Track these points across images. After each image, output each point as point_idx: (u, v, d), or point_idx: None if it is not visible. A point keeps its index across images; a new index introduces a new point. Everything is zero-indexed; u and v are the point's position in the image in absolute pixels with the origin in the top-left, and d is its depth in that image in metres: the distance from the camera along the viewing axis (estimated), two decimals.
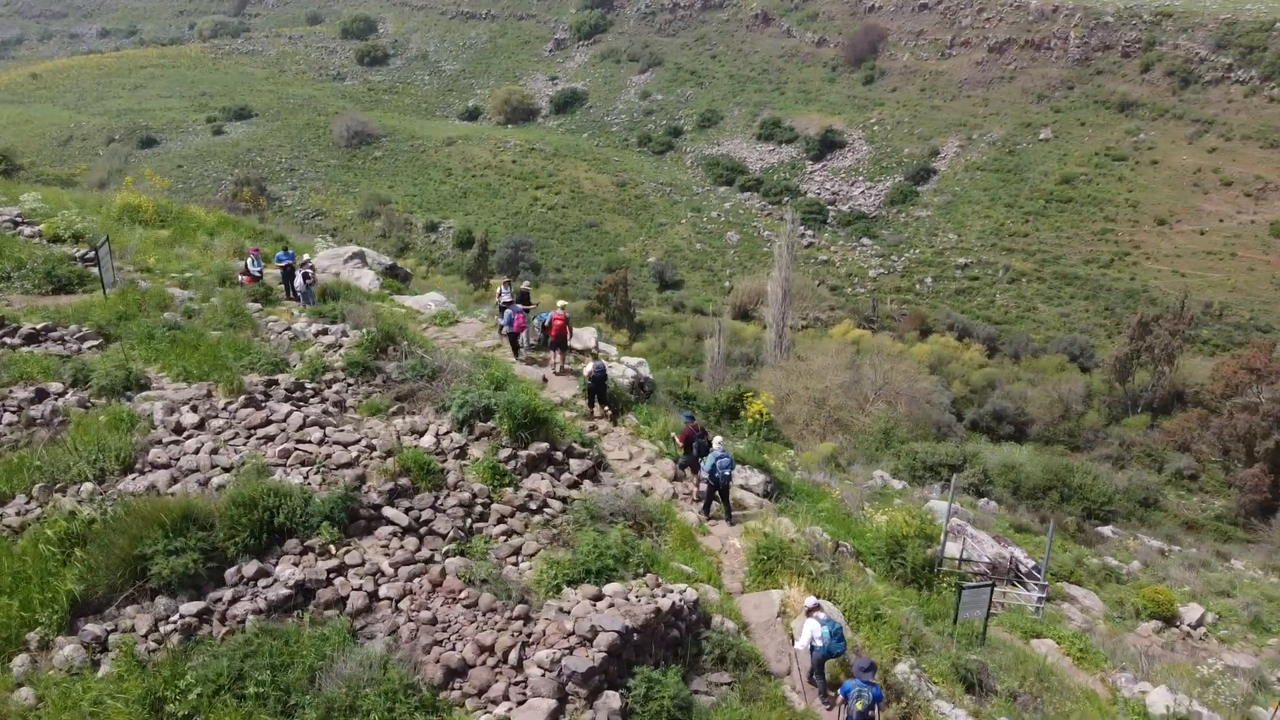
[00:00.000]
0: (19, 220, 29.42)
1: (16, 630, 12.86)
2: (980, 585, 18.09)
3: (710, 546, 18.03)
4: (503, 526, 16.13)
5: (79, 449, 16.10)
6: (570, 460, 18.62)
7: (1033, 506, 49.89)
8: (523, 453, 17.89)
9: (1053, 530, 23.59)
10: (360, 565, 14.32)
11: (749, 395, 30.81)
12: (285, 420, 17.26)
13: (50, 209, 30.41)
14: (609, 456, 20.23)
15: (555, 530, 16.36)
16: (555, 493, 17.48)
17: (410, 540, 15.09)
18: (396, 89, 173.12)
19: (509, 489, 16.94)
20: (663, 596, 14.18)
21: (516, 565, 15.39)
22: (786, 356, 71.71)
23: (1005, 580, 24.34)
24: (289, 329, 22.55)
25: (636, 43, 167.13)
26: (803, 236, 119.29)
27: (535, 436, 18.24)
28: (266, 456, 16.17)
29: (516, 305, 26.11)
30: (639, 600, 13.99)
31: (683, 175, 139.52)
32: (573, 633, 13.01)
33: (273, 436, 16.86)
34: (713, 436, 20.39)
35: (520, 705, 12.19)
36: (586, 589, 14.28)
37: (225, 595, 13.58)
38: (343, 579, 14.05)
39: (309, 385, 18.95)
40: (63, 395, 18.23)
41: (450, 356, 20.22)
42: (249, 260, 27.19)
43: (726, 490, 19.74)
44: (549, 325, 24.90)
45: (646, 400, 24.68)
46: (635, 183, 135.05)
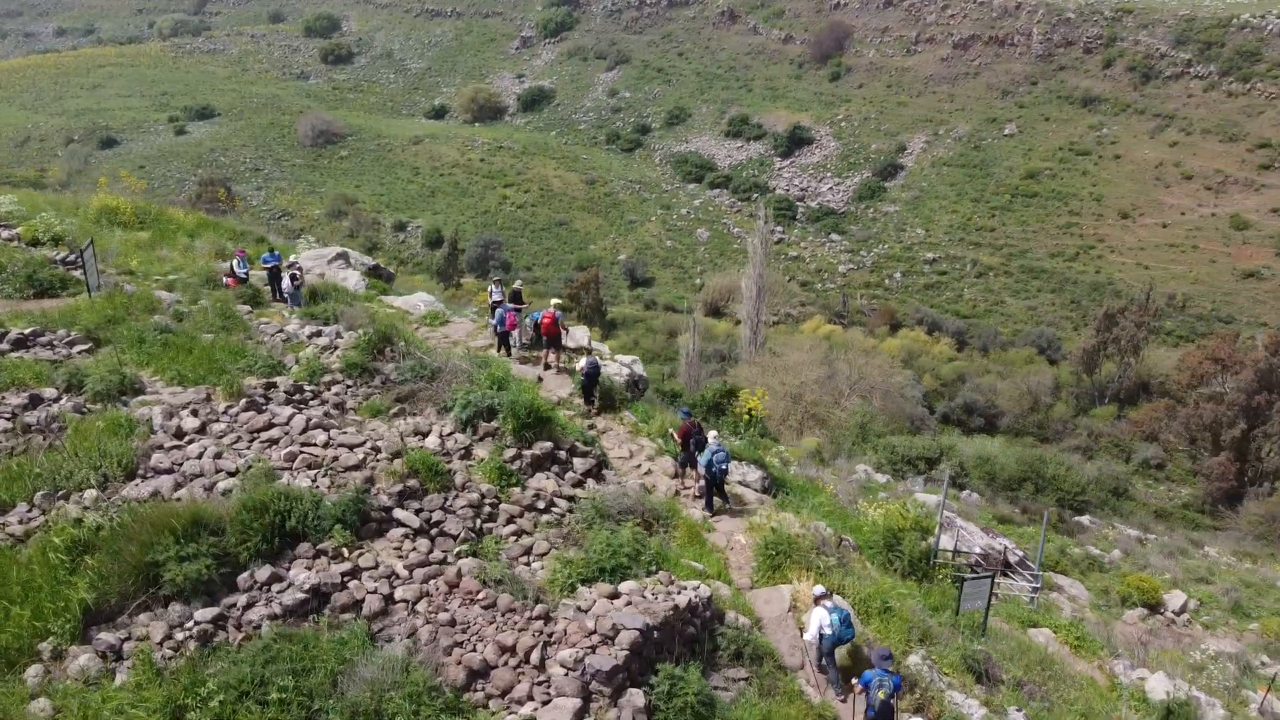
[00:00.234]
0: None
1: (29, 640, 12.66)
2: (981, 577, 18.33)
3: (716, 543, 18.12)
4: (512, 527, 16.11)
5: (79, 455, 15.89)
6: (574, 459, 18.62)
7: (1009, 498, 50.53)
8: (527, 452, 17.86)
9: (1046, 522, 23.91)
10: (374, 568, 14.25)
11: (746, 393, 30.92)
12: (288, 423, 17.11)
13: (27, 211, 29.89)
14: (610, 455, 20.25)
15: (564, 529, 16.36)
16: (561, 492, 17.48)
17: (422, 542, 15.03)
18: (361, 88, 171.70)
19: (516, 489, 16.93)
20: (679, 594, 14.23)
21: (529, 565, 15.37)
22: (761, 353, 72.01)
23: (996, 571, 24.61)
24: (281, 331, 22.34)
25: (603, 40, 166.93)
26: (772, 233, 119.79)
27: (539, 436, 18.22)
28: (272, 460, 16.03)
29: (508, 304, 26.08)
30: (655, 598, 14.03)
31: (652, 173, 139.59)
32: (594, 631, 13.02)
33: (276, 440, 16.71)
34: (708, 432, 20.49)
35: (545, 705, 12.18)
36: (602, 587, 14.30)
37: (239, 601, 13.46)
38: (357, 582, 13.96)
39: (308, 387, 18.80)
40: (57, 401, 17.97)
41: (448, 357, 20.11)
42: (234, 262, 26.89)
43: (722, 484, 19.89)
44: (539, 324, 24.90)
45: (640, 398, 24.74)
46: (604, 180, 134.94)
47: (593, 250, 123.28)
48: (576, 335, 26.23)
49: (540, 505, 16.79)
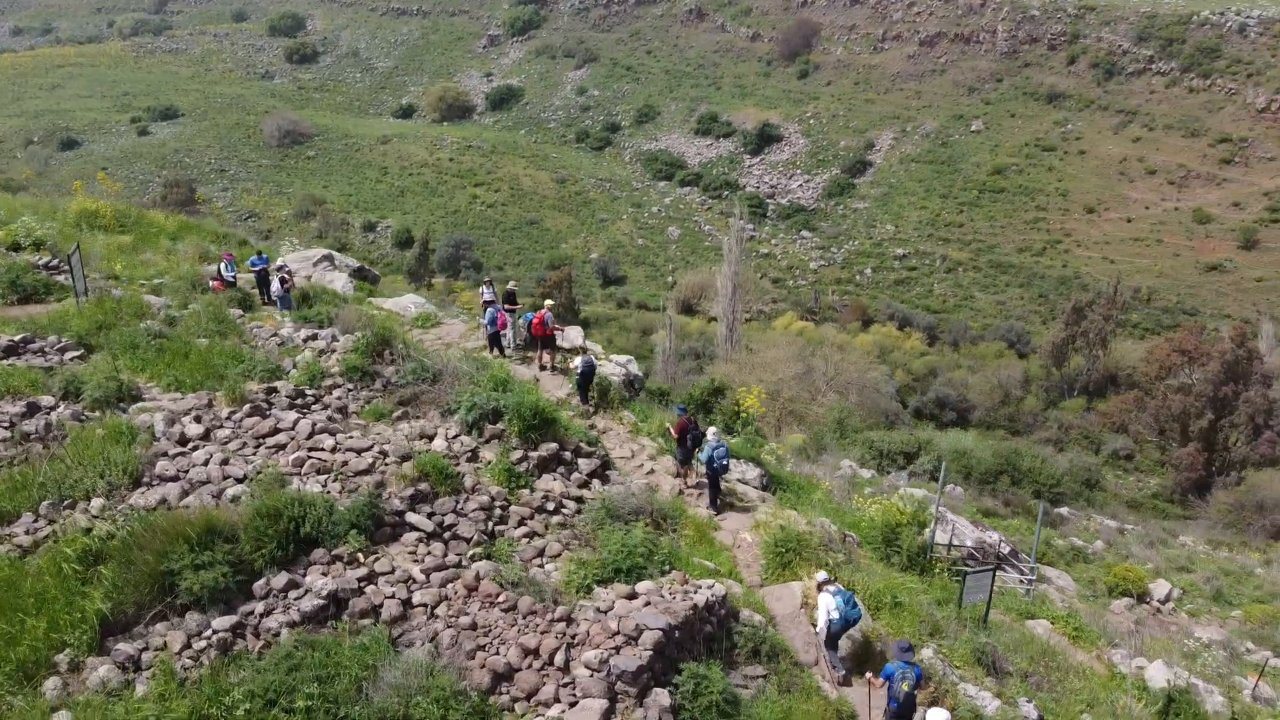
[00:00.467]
0: None
1: (45, 653, 12.49)
2: (982, 570, 18.56)
3: (723, 541, 18.22)
4: (524, 529, 16.11)
5: (83, 464, 15.68)
6: (578, 460, 18.65)
7: (986, 491, 51.08)
8: (533, 454, 17.86)
9: (1042, 516, 24.24)
10: (390, 573, 14.19)
11: (742, 391, 31.04)
12: (293, 428, 16.98)
13: (5, 215, 29.40)
14: (612, 455, 20.27)
15: (575, 531, 16.38)
16: (569, 493, 17.50)
17: (436, 545, 15.00)
18: (327, 87, 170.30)
19: (525, 491, 16.93)
20: (696, 593, 14.31)
21: (542, 566, 15.38)
22: (737, 350, 72.22)
23: (997, 565, 24.91)
24: (276, 335, 22.14)
25: (571, 39, 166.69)
26: (743, 230, 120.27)
27: (543, 437, 18.22)
28: (280, 466, 15.91)
29: (499, 304, 26.04)
30: (674, 598, 14.10)
31: (622, 171, 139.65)
32: (618, 632, 13.06)
33: (283, 445, 16.58)
34: (706, 429, 20.62)
35: (573, 707, 12.20)
36: (619, 588, 14.34)
37: (257, 608, 13.35)
38: (374, 587, 13.90)
39: (309, 392, 18.67)
40: (54, 409, 17.72)
41: (448, 359, 20.05)
42: (221, 265, 26.61)
43: (718, 480, 20.03)
44: (531, 325, 24.95)
45: (636, 397, 24.79)
46: (575, 179, 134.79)
47: (564, 249, 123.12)
48: (570, 335, 26.24)
49: (549, 507, 16.80)
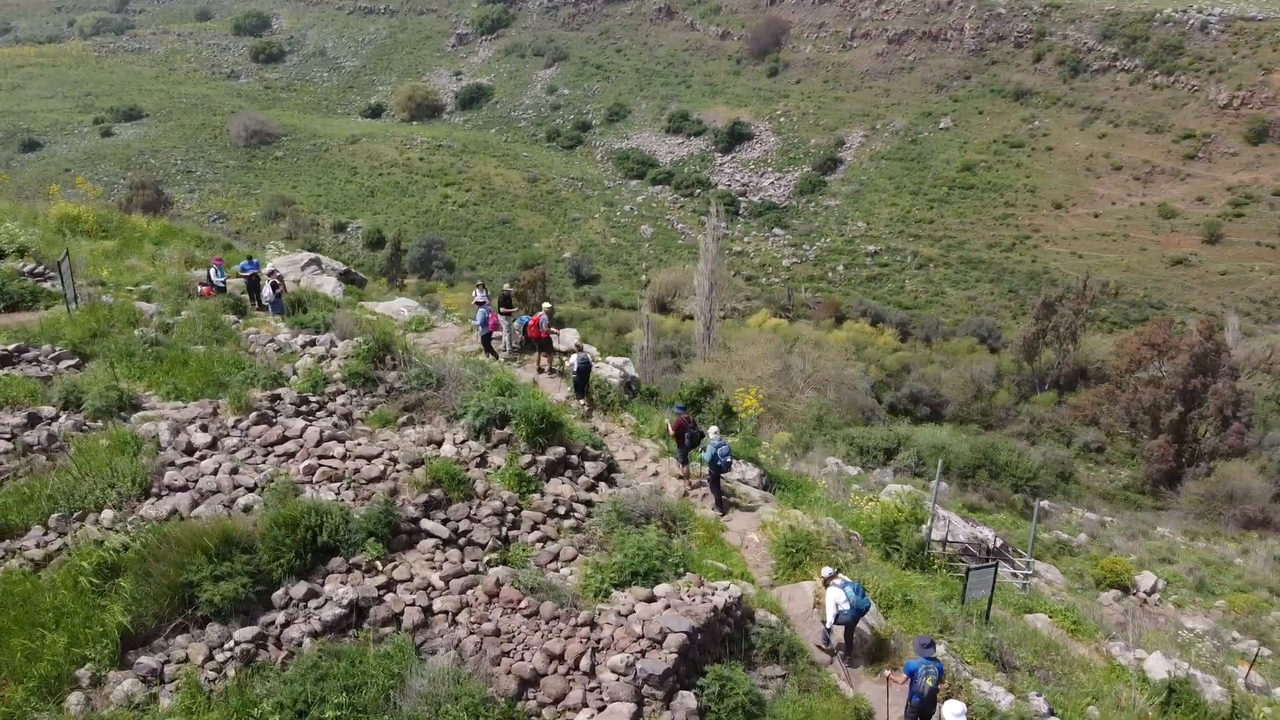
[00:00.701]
0: None
1: (67, 668, 12.36)
2: (984, 566, 18.82)
3: (730, 541, 18.33)
4: (537, 533, 16.13)
5: (90, 475, 15.51)
6: (585, 463, 18.69)
7: (966, 485, 51.61)
8: (541, 458, 17.88)
9: (1038, 511, 24.57)
10: (408, 580, 14.16)
11: (740, 391, 31.15)
12: (301, 436, 16.90)
13: None
14: (615, 457, 20.32)
15: (588, 534, 16.43)
16: (578, 496, 17.53)
17: (453, 552, 15.00)
18: (294, 86, 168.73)
19: (535, 495, 16.95)
20: (714, 595, 14.41)
21: (558, 570, 15.42)
22: (715, 348, 72.44)
23: (998, 561, 25.21)
24: (273, 341, 21.99)
25: (540, 37, 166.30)
26: (718, 229, 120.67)
27: (550, 441, 18.24)
28: (291, 474, 15.82)
29: (488, 306, 25.99)
30: (693, 600, 14.19)
31: (593, 170, 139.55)
32: (642, 635, 13.12)
33: (293, 453, 16.49)
34: (708, 428, 20.80)
35: (601, 711, 12.24)
36: (638, 591, 14.41)
37: (277, 618, 13.29)
38: (393, 595, 13.87)
39: (313, 398, 18.57)
40: (56, 419, 17.51)
41: (451, 364, 20.01)
42: (211, 270, 26.36)
43: (720, 479, 20.24)
44: (527, 327, 25.00)
45: (634, 399, 24.85)
46: (546, 178, 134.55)
47: (537, 248, 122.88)
48: (566, 338, 26.25)
49: (560, 511, 16.84)
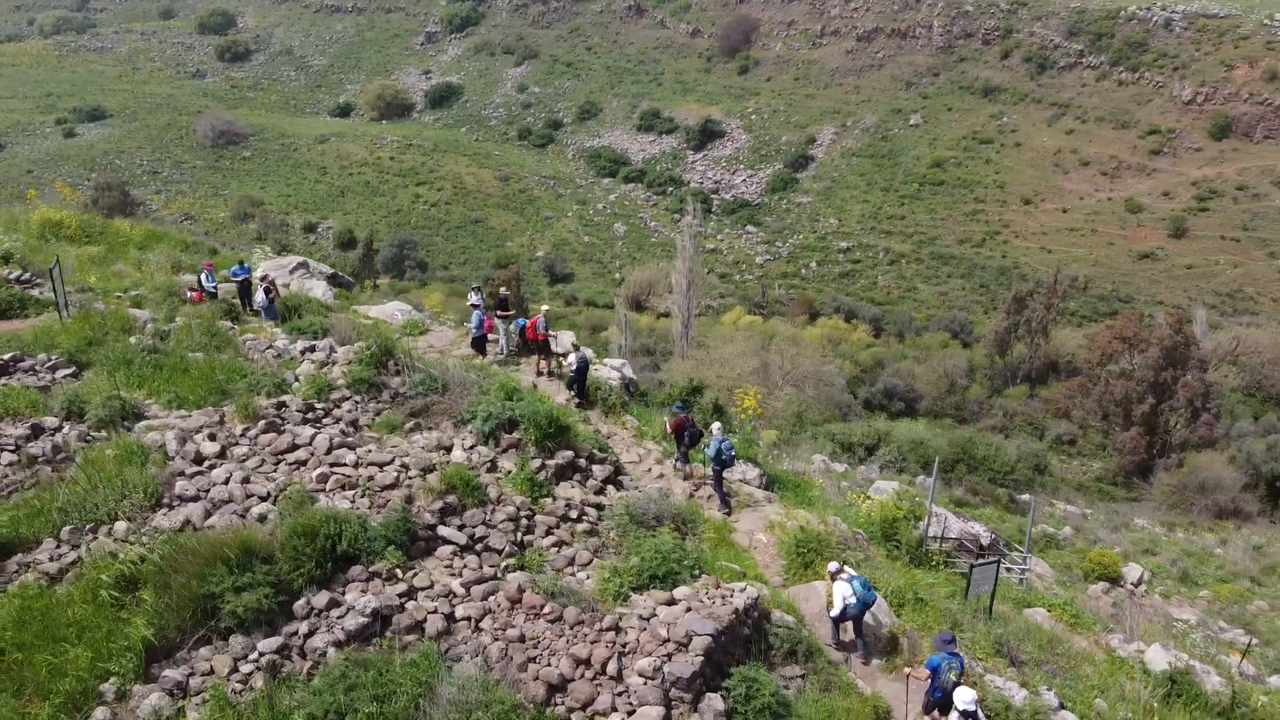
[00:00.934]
0: None
1: (91, 683, 12.26)
2: (988, 563, 19.08)
3: (739, 542, 18.46)
4: (552, 538, 16.17)
5: (99, 486, 15.36)
6: (592, 466, 18.74)
7: (948, 480, 52.12)
8: (550, 462, 17.91)
9: (1034, 507, 24.91)
10: (429, 588, 14.15)
11: (740, 392, 31.29)
12: (311, 443, 16.82)
13: None
14: (620, 459, 20.38)
15: (602, 538, 16.50)
16: (588, 500, 17.59)
17: (471, 558, 15.01)
18: (261, 86, 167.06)
19: (547, 499, 16.99)
20: (734, 596, 14.52)
21: (574, 575, 15.47)
22: (693, 346, 72.63)
23: (1001, 558, 25.55)
24: (271, 347, 21.84)
25: (510, 35, 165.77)
26: (685, 226, 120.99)
27: (558, 445, 18.28)
28: (303, 482, 15.75)
29: (482, 308, 25.94)
30: (713, 602, 14.29)
31: (565, 168, 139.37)
32: (668, 639, 13.20)
33: (304, 461, 16.41)
34: (713, 424, 21.02)
35: (630, 716, 12.33)
36: (657, 594, 14.50)
37: (300, 628, 13.24)
38: (414, 603, 13.86)
39: (318, 405, 18.49)
40: (59, 430, 17.31)
41: (454, 368, 19.99)
42: (202, 275, 26.12)
43: (721, 475, 20.44)
44: (524, 330, 25.04)
45: (633, 400, 24.92)
46: (518, 177, 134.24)
47: (510, 247, 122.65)
48: (563, 340, 26.25)
49: (573, 515, 16.89)
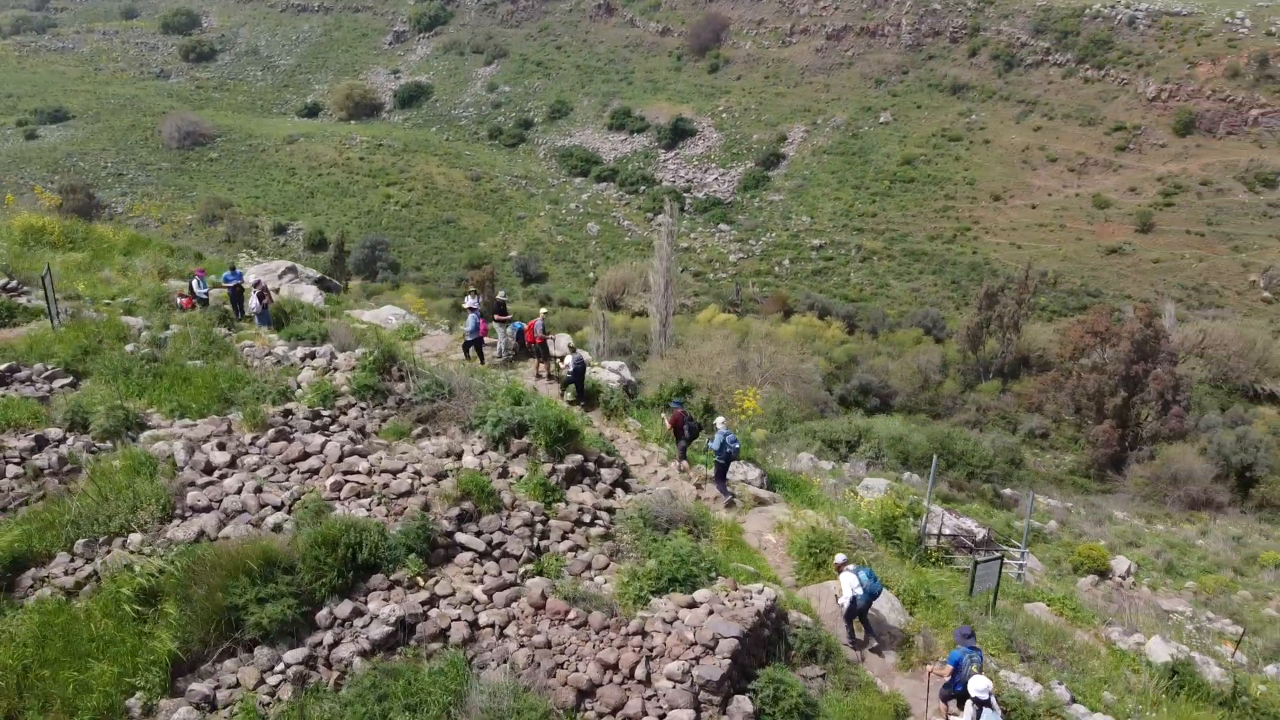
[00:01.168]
0: None
1: (118, 698, 12.14)
2: (991, 559, 19.32)
3: (749, 543, 18.56)
4: (568, 542, 16.19)
5: (110, 498, 15.20)
6: (601, 470, 18.77)
7: (924, 475, 52.58)
8: (560, 466, 17.93)
9: (1031, 503, 25.23)
10: (451, 595, 14.14)
11: (739, 393, 31.40)
12: (322, 451, 16.73)
13: None
14: (625, 462, 20.43)
15: (615, 542, 16.54)
16: (599, 504, 17.62)
17: (490, 565, 15.00)
18: (227, 86, 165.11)
19: (561, 504, 17.00)
20: (754, 598, 14.62)
21: (592, 579, 15.50)
22: (671, 345, 72.72)
23: (1004, 554, 25.82)
24: (270, 354, 21.66)
25: (479, 34, 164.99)
26: (661, 225, 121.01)
27: (568, 449, 18.30)
28: (318, 491, 15.67)
29: (478, 311, 25.85)
30: (734, 604, 14.38)
31: (537, 167, 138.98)
32: (695, 642, 13.28)
33: (316, 470, 16.33)
34: (717, 419, 21.21)
35: (661, 719, 12.40)
36: (678, 598, 14.56)
37: (325, 638, 13.19)
38: (437, 610, 13.84)
39: (325, 412, 18.38)
40: (63, 441, 17.10)
41: (458, 373, 19.94)
42: (194, 282, 25.83)
43: (727, 467, 20.66)
44: (522, 334, 25.02)
45: (632, 402, 24.96)
46: (490, 176, 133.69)
47: (482, 248, 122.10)
48: (560, 343, 26.21)
49: (586, 519, 16.92)
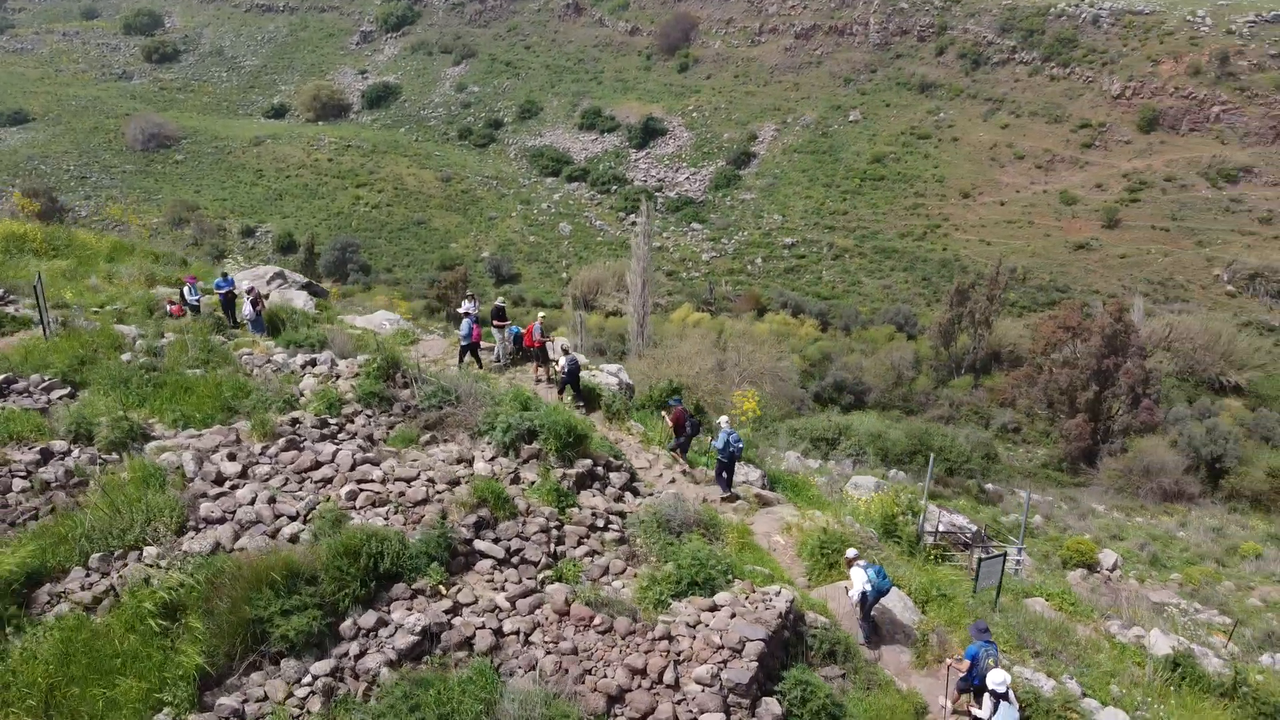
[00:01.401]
0: None
1: (146, 714, 12.03)
2: (995, 557, 19.57)
3: (759, 545, 18.67)
4: (584, 547, 16.21)
5: (123, 510, 15.03)
6: (610, 474, 18.81)
7: (909, 471, 53.09)
8: (570, 471, 17.95)
9: (1028, 499, 25.54)
10: (474, 603, 14.12)
11: (738, 395, 31.51)
12: (334, 460, 16.65)
13: None
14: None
15: (630, 546, 16.59)
16: (610, 508, 17.66)
17: (510, 572, 14.99)
18: (192, 87, 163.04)
19: (574, 509, 17.03)
20: (773, 599, 14.73)
21: (610, 584, 15.53)
22: (649, 345, 72.89)
23: (1006, 551, 26.11)
24: (270, 361, 21.49)
25: (447, 34, 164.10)
26: (634, 225, 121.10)
27: (577, 454, 18.32)
28: (333, 500, 15.59)
29: (472, 315, 25.81)
30: (754, 606, 14.48)
31: (508, 168, 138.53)
32: (722, 646, 13.37)
33: (329, 479, 16.24)
34: (720, 418, 21.33)
35: None
36: (699, 601, 14.63)
37: (350, 649, 13.15)
38: (461, 619, 13.82)
39: (332, 421, 18.28)
40: (68, 454, 16.88)
41: (461, 378, 19.90)
42: (185, 289, 25.57)
43: (732, 467, 20.83)
44: (520, 337, 25.03)
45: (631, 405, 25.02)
46: (460, 177, 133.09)
47: (454, 248, 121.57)
48: (557, 345, 26.20)
49: (600, 524, 16.95)
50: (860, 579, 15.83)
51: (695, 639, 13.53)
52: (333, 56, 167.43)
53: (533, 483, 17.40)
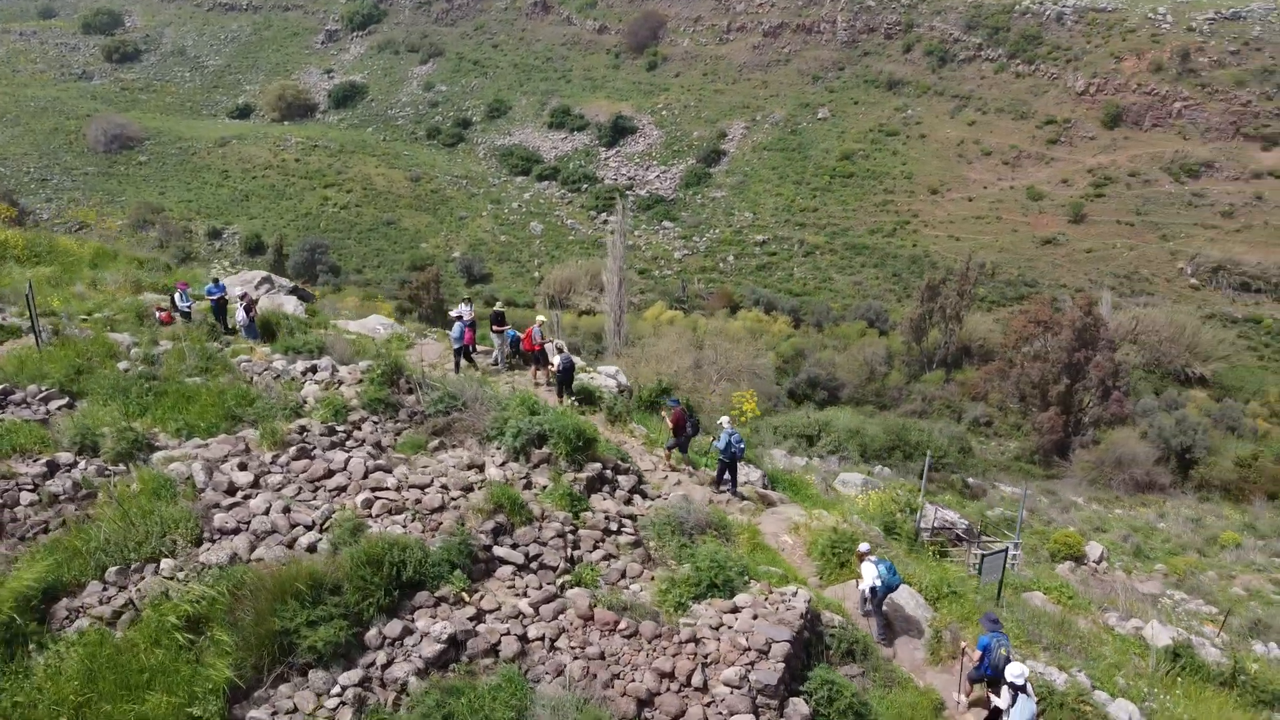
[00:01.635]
0: None
1: None
2: (997, 553, 19.86)
3: (769, 544, 18.82)
4: (600, 551, 16.26)
5: (136, 523, 14.87)
6: (618, 477, 18.87)
7: (892, 467, 53.56)
8: (580, 475, 17.99)
9: (1026, 496, 25.89)
10: (497, 609, 14.13)
11: (738, 395, 31.63)
12: (346, 468, 16.57)
13: None
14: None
15: (645, 549, 16.66)
16: (621, 511, 17.72)
17: (530, 577, 15.01)
18: (154, 87, 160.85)
19: (588, 513, 17.07)
20: (792, 600, 14.87)
21: (628, 588, 15.60)
22: (626, 344, 72.92)
23: (1009, 547, 26.44)
24: (269, 368, 21.32)
25: (414, 33, 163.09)
26: (606, 223, 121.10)
27: (586, 458, 18.37)
28: (349, 509, 15.52)
29: (465, 320, 25.74)
30: (774, 607, 14.61)
31: (477, 167, 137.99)
32: (748, 648, 13.48)
33: (343, 487, 16.16)
34: (723, 418, 21.48)
35: None
36: (718, 603, 14.74)
37: (377, 658, 13.11)
38: (485, 625, 13.83)
39: (340, 428, 18.19)
40: (74, 465, 16.67)
41: (465, 383, 19.87)
42: (176, 295, 25.30)
43: (735, 466, 20.97)
44: (518, 341, 25.02)
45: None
46: (430, 177, 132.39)
47: (424, 249, 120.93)
48: (550, 346, 26.19)
49: (613, 527, 17.01)
50: (871, 573, 16.12)
51: (721, 641, 13.64)
52: (298, 56, 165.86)
53: (545, 487, 17.42)
